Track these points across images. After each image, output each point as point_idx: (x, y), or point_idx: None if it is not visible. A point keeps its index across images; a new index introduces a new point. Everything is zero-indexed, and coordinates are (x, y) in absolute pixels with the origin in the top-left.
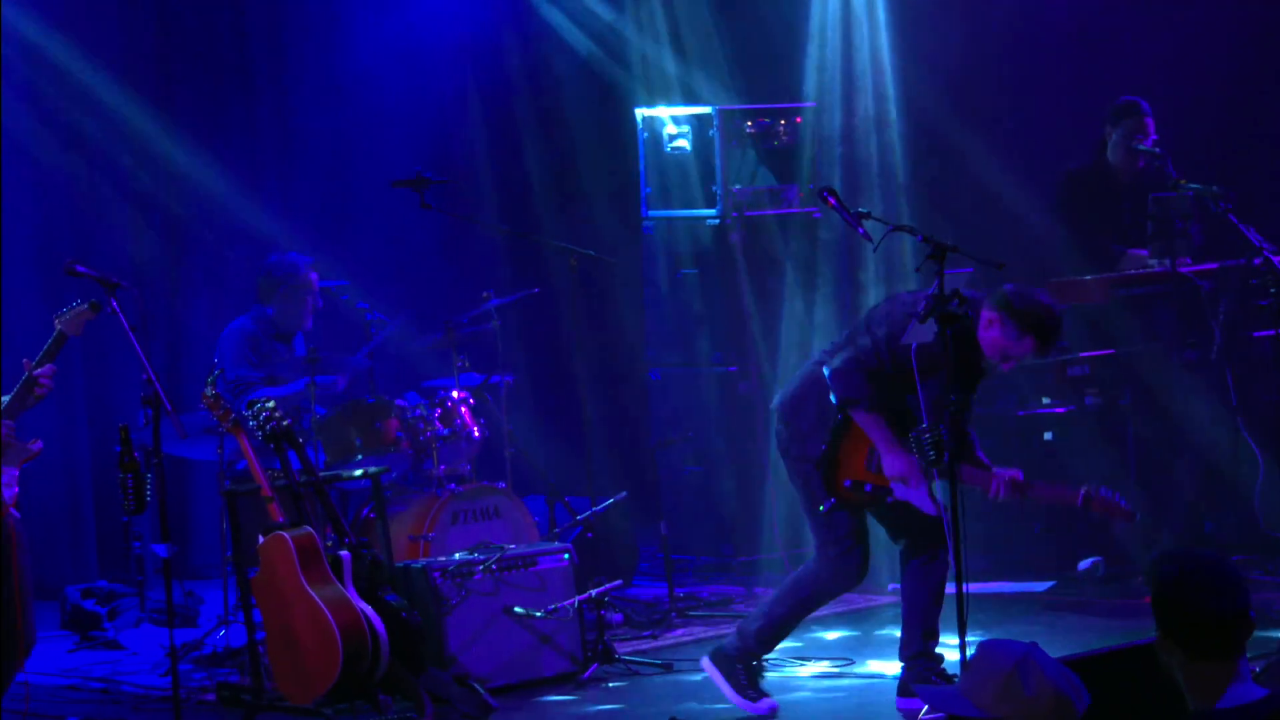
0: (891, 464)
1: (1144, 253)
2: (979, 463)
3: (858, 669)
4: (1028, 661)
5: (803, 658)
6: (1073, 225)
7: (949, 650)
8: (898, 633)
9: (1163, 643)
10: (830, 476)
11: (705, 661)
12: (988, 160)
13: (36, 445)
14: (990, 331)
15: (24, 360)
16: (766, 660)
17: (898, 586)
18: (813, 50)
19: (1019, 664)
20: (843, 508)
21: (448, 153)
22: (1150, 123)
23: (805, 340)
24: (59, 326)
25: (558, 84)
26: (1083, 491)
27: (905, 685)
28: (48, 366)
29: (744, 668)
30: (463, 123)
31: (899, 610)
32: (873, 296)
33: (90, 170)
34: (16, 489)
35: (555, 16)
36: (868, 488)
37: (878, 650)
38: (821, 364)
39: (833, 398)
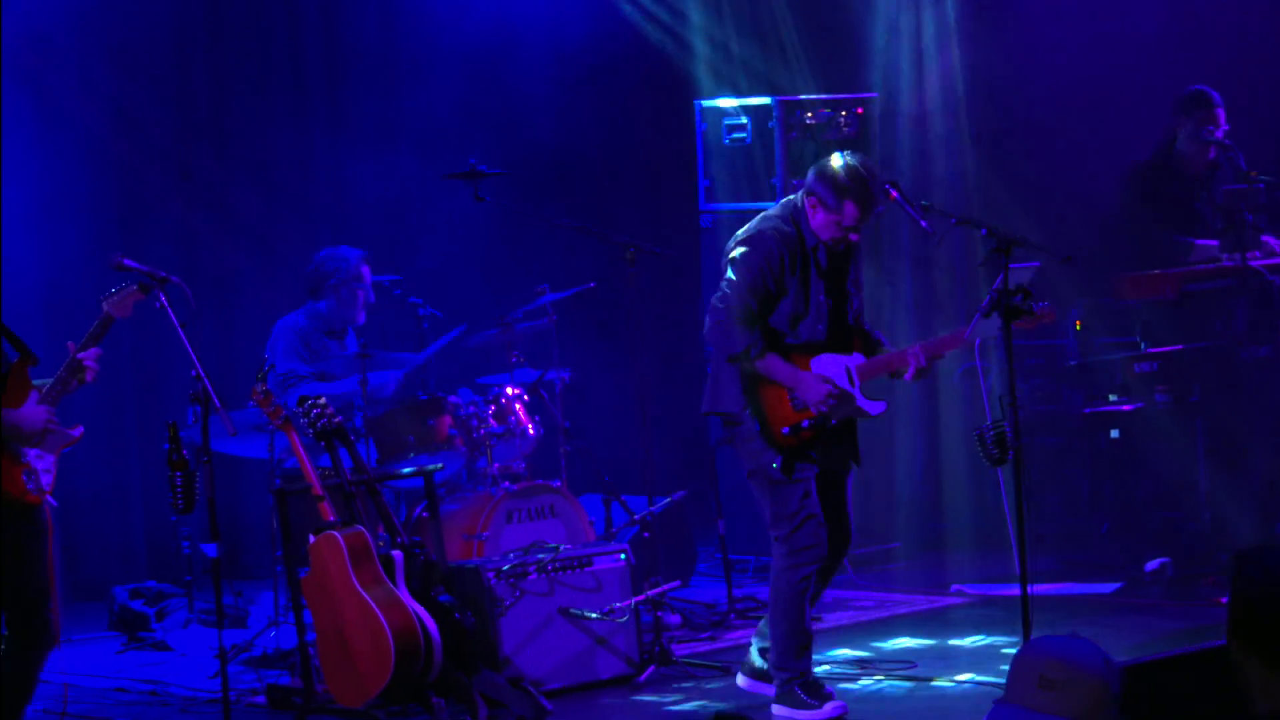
0: (808, 392)
1: (1214, 244)
2: (886, 351)
3: (920, 674)
4: (1108, 663)
5: (863, 663)
6: (1140, 218)
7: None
8: (967, 640)
9: (1239, 647)
10: (768, 436)
11: (772, 709)
12: (1055, 152)
13: (77, 431)
14: (817, 216)
15: (68, 343)
16: (817, 665)
17: (960, 587)
18: (876, 39)
19: (1105, 667)
20: (793, 466)
21: (502, 144)
22: (1221, 113)
23: None
24: (105, 308)
25: (616, 75)
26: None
27: (767, 672)
28: (93, 350)
29: (798, 686)
30: (518, 114)
31: (968, 611)
32: (938, 289)
33: (141, 163)
34: (54, 475)
35: (612, 6)
36: (805, 424)
37: (942, 654)
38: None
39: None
